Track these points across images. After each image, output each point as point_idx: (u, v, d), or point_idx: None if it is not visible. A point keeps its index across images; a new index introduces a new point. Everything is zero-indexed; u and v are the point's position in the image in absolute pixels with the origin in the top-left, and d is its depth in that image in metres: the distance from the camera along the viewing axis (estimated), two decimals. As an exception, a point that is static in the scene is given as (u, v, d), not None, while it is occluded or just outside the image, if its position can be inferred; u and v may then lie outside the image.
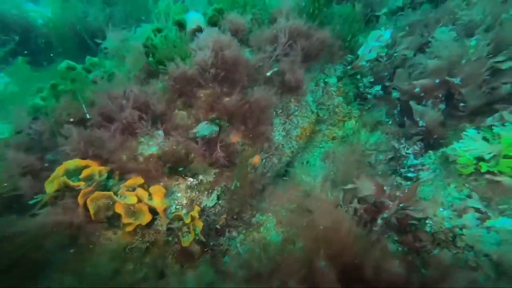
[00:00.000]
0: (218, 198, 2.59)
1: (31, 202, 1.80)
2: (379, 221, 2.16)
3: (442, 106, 3.02)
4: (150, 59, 2.59)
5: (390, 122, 3.65)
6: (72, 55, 4.54)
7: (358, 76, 3.71)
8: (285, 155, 3.07)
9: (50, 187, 1.76)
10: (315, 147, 3.63)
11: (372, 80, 3.70)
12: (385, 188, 2.34)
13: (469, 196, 2.40)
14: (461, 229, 2.18)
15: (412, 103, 3.06)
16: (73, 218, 1.86)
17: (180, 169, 2.37)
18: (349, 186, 2.45)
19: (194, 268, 2.46)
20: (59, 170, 1.84)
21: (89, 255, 2.00)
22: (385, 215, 2.20)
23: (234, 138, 2.65)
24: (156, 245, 2.24)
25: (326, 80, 3.39)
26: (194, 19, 2.99)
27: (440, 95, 3.05)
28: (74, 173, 1.95)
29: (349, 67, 3.49)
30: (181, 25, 2.92)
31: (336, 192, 2.47)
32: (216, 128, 2.46)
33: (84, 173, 1.86)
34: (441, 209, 2.33)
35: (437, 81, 3.04)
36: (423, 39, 3.46)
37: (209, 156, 2.52)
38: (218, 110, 2.52)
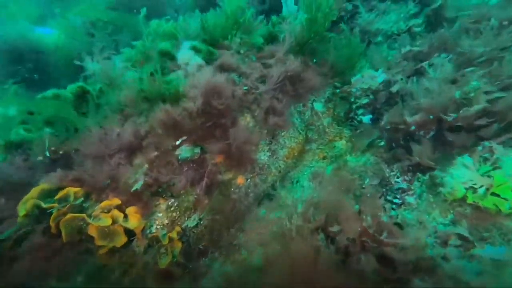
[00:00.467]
0: (200, 219, 2.56)
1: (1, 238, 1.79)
2: (360, 256, 2.09)
3: (432, 133, 2.96)
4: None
5: (381, 144, 3.61)
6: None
7: (352, 99, 3.71)
8: (272, 175, 3.04)
9: (23, 209, 1.75)
10: (305, 166, 3.60)
11: (364, 104, 3.71)
12: (369, 230, 2.25)
13: (453, 222, 2.33)
14: (443, 257, 2.11)
15: (412, 145, 2.94)
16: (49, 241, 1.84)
17: (160, 190, 2.35)
18: (335, 228, 2.36)
19: (174, 290, 2.41)
20: (34, 191, 1.84)
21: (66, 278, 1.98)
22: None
23: (218, 159, 2.64)
24: (134, 267, 2.21)
25: (314, 102, 3.38)
26: (186, 55, 3.01)
27: (433, 127, 2.99)
28: (50, 195, 1.95)
29: (338, 90, 3.50)
30: (168, 54, 2.95)
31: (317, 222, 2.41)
32: (198, 151, 2.46)
33: (59, 194, 1.85)
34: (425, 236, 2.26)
35: (431, 117, 2.97)
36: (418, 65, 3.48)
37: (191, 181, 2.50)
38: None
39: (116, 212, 1.95)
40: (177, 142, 2.45)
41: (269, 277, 2.04)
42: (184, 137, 2.48)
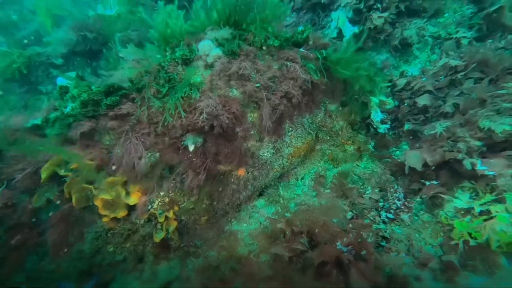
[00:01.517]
0: (200, 202, 2.74)
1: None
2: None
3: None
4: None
5: (395, 154, 3.50)
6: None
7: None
8: (274, 171, 3.11)
9: (44, 173, 2.04)
10: (313, 165, 3.62)
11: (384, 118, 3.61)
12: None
13: (441, 245, 2.26)
14: (416, 278, 2.09)
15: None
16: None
17: (165, 171, 2.54)
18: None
19: (168, 260, 2.66)
20: (56, 159, 2.12)
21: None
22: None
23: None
24: (137, 233, 2.45)
25: (328, 104, 3.34)
26: (207, 47, 3.08)
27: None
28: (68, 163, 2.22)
29: (356, 96, 3.41)
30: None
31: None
32: (201, 140, 2.59)
33: (73, 165, 2.12)
34: (404, 255, 2.24)
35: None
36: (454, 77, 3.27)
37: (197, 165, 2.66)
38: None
39: (119, 188, 2.18)
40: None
41: (246, 268, 2.18)
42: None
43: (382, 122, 3.66)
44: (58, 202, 2.18)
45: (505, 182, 2.11)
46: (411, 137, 3.37)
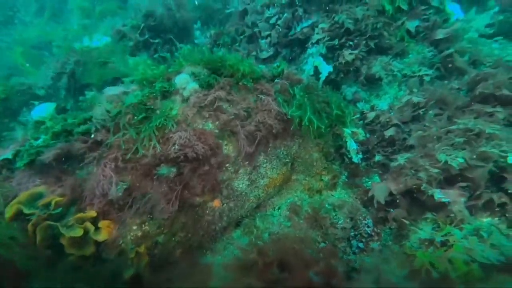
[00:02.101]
0: (174, 234, 2.71)
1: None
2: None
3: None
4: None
5: (366, 185, 3.60)
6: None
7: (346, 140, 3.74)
8: (250, 202, 3.14)
9: (9, 212, 1.99)
10: (289, 194, 3.66)
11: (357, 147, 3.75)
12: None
13: (406, 278, 2.30)
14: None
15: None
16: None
17: (137, 205, 2.52)
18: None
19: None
20: (23, 195, 2.08)
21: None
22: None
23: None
24: (102, 273, 2.38)
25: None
26: (183, 81, 3.20)
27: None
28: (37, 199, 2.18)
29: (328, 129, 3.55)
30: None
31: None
32: (174, 170, 2.61)
33: (42, 201, 2.08)
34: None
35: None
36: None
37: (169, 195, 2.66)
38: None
39: (88, 224, 2.15)
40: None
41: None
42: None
43: (357, 152, 3.79)
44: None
45: (458, 209, 2.22)
46: (381, 169, 3.50)
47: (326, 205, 3.46)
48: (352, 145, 3.75)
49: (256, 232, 3.16)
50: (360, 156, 3.77)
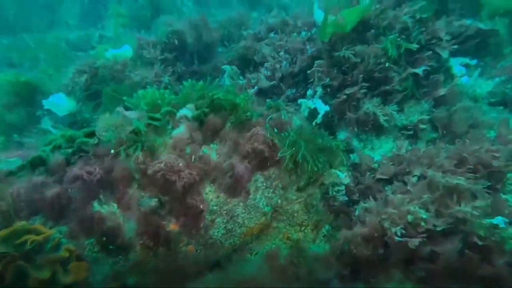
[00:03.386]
0: (145, 276, 2.74)
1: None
2: None
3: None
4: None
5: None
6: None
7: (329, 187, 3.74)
8: (225, 249, 3.15)
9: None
10: (268, 241, 3.65)
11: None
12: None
13: None
14: None
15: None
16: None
17: (111, 247, 2.58)
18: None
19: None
20: (3, 232, 2.18)
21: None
22: None
23: (173, 225, 2.84)
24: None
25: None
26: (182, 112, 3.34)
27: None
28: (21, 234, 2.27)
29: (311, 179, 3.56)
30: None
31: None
32: (152, 202, 2.67)
33: (19, 240, 2.17)
34: None
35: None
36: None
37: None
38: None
39: (57, 266, 2.21)
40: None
41: None
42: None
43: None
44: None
45: None
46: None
47: (306, 257, 3.43)
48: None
49: (229, 276, 3.16)
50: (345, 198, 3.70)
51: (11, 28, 10.68)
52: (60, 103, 5.00)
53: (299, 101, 4.47)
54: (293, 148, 3.26)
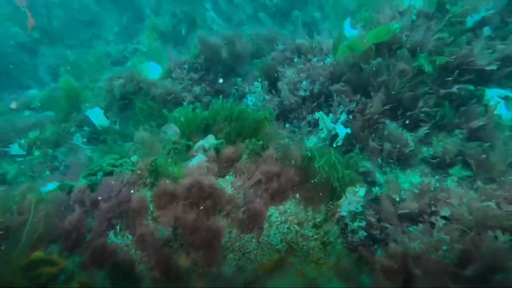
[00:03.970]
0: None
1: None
2: None
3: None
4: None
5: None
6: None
7: (347, 220, 3.53)
8: (237, 285, 3.04)
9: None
10: (282, 277, 3.50)
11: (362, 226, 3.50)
12: None
13: None
14: None
15: None
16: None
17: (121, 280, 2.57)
18: None
19: None
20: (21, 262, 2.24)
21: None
22: None
23: (184, 260, 2.79)
24: None
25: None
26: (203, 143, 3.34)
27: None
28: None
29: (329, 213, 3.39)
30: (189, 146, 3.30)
31: None
32: (166, 232, 2.64)
33: (34, 273, 2.22)
34: None
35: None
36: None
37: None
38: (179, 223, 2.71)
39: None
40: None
41: None
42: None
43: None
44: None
45: None
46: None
47: None
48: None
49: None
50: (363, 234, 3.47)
51: (56, 40, 11.50)
52: (98, 116, 5.17)
53: (317, 114, 4.30)
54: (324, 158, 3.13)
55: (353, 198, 3.25)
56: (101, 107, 5.15)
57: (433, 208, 3.19)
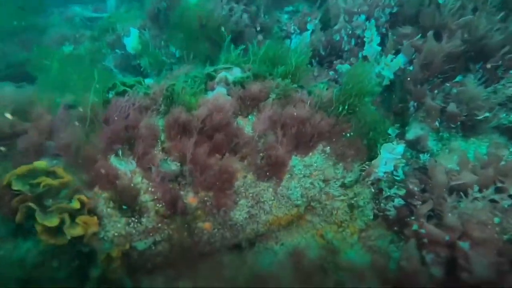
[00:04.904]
0: (155, 243, 2.56)
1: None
2: None
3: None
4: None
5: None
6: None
7: (383, 185, 3.00)
8: (246, 233, 2.78)
9: (3, 181, 2.06)
10: (298, 233, 3.18)
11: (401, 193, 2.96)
12: None
13: None
14: None
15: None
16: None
17: (124, 207, 2.41)
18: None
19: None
20: (20, 169, 2.12)
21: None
22: None
23: (192, 199, 2.54)
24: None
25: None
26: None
27: (442, 254, 2.29)
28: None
29: (362, 173, 2.87)
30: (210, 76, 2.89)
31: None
32: (173, 166, 2.39)
33: (36, 180, 2.10)
34: None
35: (447, 238, 2.27)
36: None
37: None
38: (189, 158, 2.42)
39: (66, 216, 2.10)
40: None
41: None
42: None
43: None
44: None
45: None
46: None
47: (339, 264, 2.89)
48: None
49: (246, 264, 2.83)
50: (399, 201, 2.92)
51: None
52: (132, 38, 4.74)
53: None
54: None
55: (389, 156, 2.66)
56: (136, 27, 4.69)
57: (499, 184, 2.51)
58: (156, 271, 2.58)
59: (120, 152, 2.38)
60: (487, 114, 3.00)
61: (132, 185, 2.36)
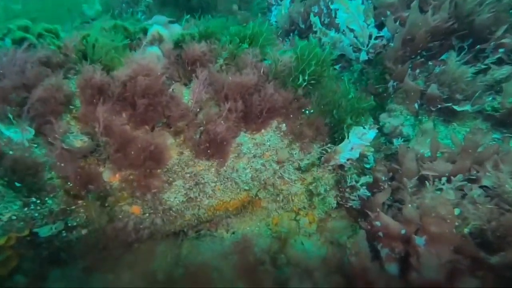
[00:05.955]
0: (67, 229, 2.09)
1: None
2: None
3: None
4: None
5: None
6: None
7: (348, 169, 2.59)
8: (184, 219, 2.35)
9: None
10: (252, 221, 2.79)
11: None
12: None
13: None
14: None
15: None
16: None
17: (17, 184, 1.91)
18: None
19: None
20: None
21: None
22: None
23: (113, 177, 2.06)
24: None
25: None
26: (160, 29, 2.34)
27: (396, 250, 1.94)
28: None
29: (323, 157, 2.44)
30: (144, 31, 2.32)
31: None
32: (84, 139, 1.89)
33: None
34: None
35: (403, 232, 1.92)
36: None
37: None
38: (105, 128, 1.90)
39: None
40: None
41: None
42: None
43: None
44: None
45: None
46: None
47: (282, 255, 2.53)
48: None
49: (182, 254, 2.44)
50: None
51: None
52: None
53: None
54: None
55: (357, 142, 2.23)
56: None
57: (473, 173, 2.14)
58: (69, 262, 2.14)
59: (11, 117, 1.84)
60: (467, 108, 2.59)
61: (30, 158, 1.85)
